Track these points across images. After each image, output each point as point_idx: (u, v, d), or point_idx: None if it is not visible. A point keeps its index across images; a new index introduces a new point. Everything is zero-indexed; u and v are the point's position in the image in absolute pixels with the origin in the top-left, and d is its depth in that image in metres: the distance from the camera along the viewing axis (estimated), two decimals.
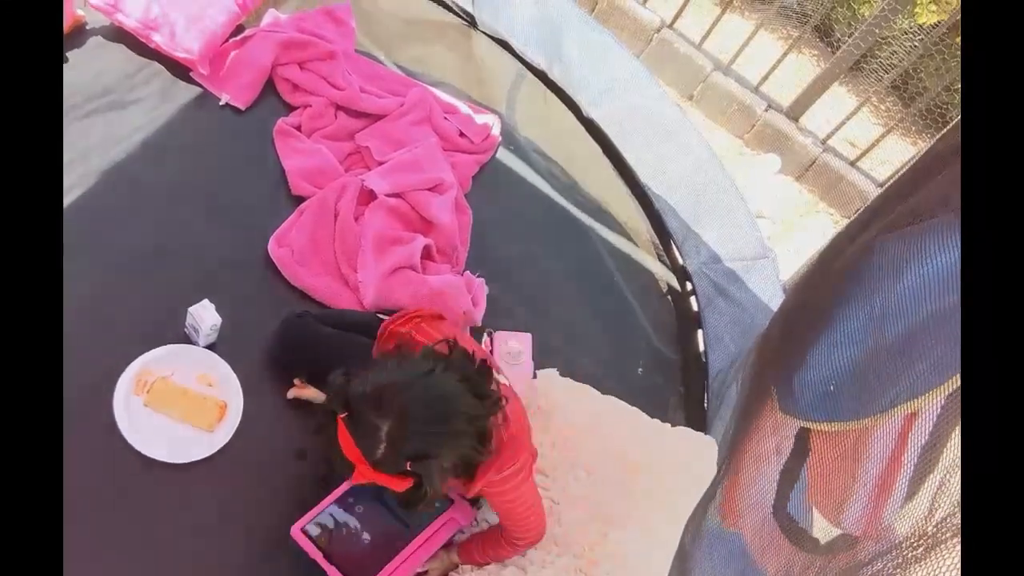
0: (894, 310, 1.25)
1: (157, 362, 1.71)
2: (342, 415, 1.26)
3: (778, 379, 1.54)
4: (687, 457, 1.74)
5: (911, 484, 1.18)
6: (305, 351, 1.78)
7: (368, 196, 2.15)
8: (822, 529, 1.37)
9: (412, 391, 1.26)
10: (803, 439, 1.49)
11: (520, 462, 1.44)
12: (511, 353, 2.07)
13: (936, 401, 1.12)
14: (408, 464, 1.24)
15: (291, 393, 1.78)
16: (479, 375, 1.37)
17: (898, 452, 1.23)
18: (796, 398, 1.47)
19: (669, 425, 1.87)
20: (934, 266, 1.16)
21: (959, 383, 1.06)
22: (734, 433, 1.72)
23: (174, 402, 1.68)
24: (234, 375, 1.75)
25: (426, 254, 2.10)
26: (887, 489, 1.24)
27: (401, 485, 1.28)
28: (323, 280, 1.99)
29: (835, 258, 1.49)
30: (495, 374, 1.47)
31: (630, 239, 2.60)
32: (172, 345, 1.74)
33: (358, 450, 1.24)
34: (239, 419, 1.70)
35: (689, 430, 1.80)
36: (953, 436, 1.08)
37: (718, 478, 1.70)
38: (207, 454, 1.65)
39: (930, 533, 1.01)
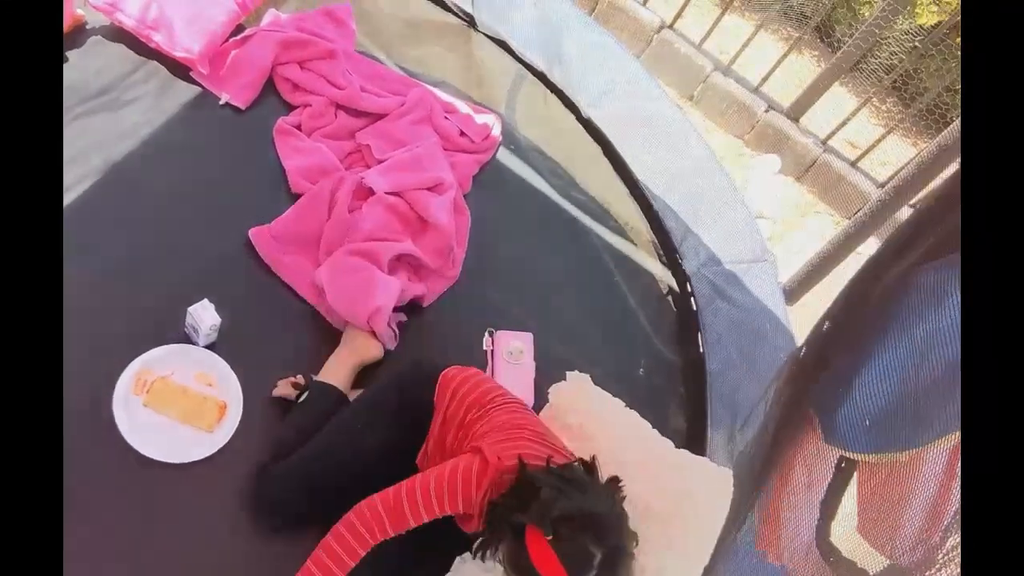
0: (937, 340, 1.25)
1: (157, 362, 1.71)
2: (548, 536, 1.26)
3: (820, 409, 1.54)
4: (706, 496, 1.70)
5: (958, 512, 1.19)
6: (299, 493, 1.61)
7: (366, 192, 2.15)
8: (871, 560, 1.36)
9: (622, 526, 1.32)
10: (843, 468, 1.49)
11: None
12: (512, 352, 2.08)
13: None
14: None
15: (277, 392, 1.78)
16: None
17: (947, 482, 1.23)
18: (841, 429, 1.46)
19: (688, 453, 1.84)
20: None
21: None
22: (766, 461, 1.71)
23: (174, 402, 1.67)
24: (234, 375, 1.74)
25: (416, 262, 2.09)
26: (938, 519, 1.23)
27: None
28: (294, 259, 1.98)
29: (871, 286, 1.48)
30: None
31: (630, 240, 2.60)
32: (172, 345, 1.74)
33: (560, 570, 1.24)
34: (239, 419, 1.70)
35: (708, 462, 1.76)
36: None
37: (748, 504, 1.69)
38: (207, 454, 1.65)
39: (941, 562, 1.01)
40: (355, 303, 1.86)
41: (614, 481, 1.41)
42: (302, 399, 1.73)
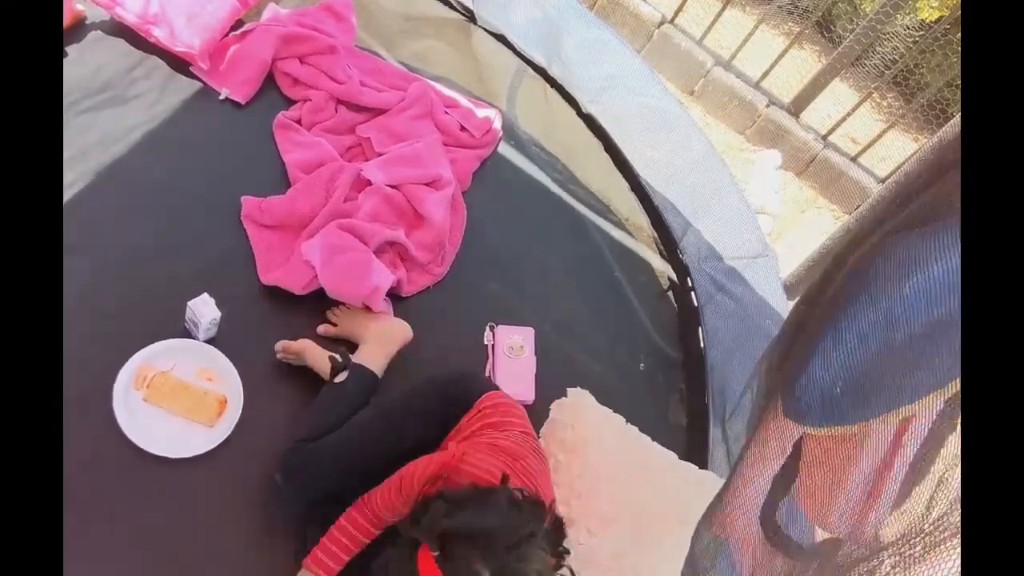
0: (897, 314, 1.24)
1: (157, 356, 1.71)
2: (434, 552, 1.22)
3: (782, 382, 1.53)
4: (693, 496, 1.69)
5: (903, 485, 1.18)
6: (332, 471, 1.62)
7: (364, 185, 2.15)
8: (807, 532, 1.36)
9: (519, 551, 1.24)
10: (800, 446, 1.48)
11: None
12: (512, 347, 2.08)
13: (934, 405, 1.12)
14: None
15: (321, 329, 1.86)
16: (557, 535, 1.35)
17: (891, 454, 1.23)
18: (797, 401, 1.46)
19: (691, 466, 1.83)
20: (937, 270, 1.15)
21: (959, 388, 1.05)
22: (745, 442, 1.71)
23: (174, 397, 1.68)
24: (234, 369, 1.75)
25: (404, 253, 2.09)
26: (877, 490, 1.23)
27: None
28: (273, 234, 1.99)
29: (846, 259, 1.47)
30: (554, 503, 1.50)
31: (630, 235, 2.60)
32: (172, 339, 1.74)
33: None
34: (239, 413, 1.70)
35: (711, 474, 1.75)
36: (952, 437, 1.08)
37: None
38: (207, 448, 1.65)
39: (927, 531, 1.01)
40: (354, 280, 1.88)
41: (540, 504, 1.36)
42: (339, 379, 1.74)
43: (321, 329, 1.90)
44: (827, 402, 1.39)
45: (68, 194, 1.85)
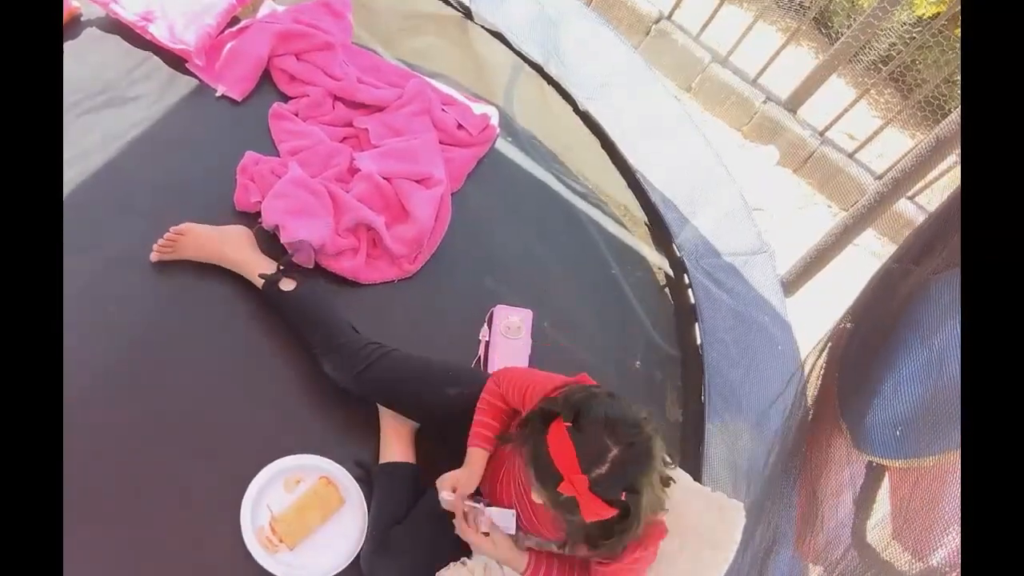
0: (953, 350, 1.26)
1: (255, 510, 1.63)
2: (568, 424, 1.29)
3: (848, 416, 1.55)
4: (712, 522, 1.65)
5: None
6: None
7: (357, 172, 2.17)
8: (906, 561, 1.37)
9: (642, 436, 1.32)
10: (874, 469, 1.49)
11: (652, 549, 1.46)
12: (510, 327, 2.08)
13: None
14: (623, 494, 1.28)
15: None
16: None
17: None
18: (869, 436, 1.47)
19: (701, 486, 1.83)
20: None
21: None
22: (797, 468, 1.72)
23: (304, 519, 1.64)
24: (306, 455, 1.71)
25: (380, 242, 2.09)
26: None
27: (602, 512, 1.28)
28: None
29: (890, 293, 1.49)
30: None
31: (627, 231, 2.60)
32: (248, 491, 1.64)
33: (572, 464, 1.26)
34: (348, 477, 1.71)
35: (722, 495, 1.76)
36: None
37: (780, 509, 1.68)
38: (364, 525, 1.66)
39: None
40: (292, 215, 1.92)
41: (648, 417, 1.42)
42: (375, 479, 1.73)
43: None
44: (902, 436, 1.41)
45: (68, 194, 1.85)
